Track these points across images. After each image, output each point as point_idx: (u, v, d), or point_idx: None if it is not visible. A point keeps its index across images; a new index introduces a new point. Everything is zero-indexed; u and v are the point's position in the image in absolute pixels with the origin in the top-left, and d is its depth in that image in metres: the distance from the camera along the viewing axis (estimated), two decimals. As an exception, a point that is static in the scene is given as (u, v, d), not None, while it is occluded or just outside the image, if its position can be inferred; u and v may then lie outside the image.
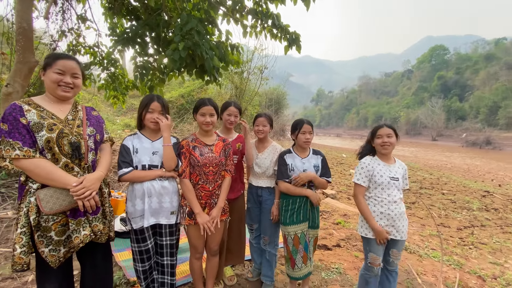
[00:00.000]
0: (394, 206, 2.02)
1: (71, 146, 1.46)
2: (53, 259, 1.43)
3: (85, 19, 5.30)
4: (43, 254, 1.42)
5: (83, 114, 1.61)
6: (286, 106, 22.33)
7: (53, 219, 1.42)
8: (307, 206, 2.21)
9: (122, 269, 2.50)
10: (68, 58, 1.54)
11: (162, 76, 4.97)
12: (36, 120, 1.40)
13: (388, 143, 2.02)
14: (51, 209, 1.38)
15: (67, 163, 1.47)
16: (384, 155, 2.10)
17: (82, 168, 1.53)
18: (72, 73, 1.52)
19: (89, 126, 1.59)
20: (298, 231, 2.17)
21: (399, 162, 2.16)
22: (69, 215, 1.47)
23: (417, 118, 60.41)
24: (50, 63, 1.48)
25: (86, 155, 1.53)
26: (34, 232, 1.40)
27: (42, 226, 1.41)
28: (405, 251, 3.50)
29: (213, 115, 1.95)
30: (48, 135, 1.40)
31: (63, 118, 1.50)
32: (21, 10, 3.53)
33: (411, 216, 5.15)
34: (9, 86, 3.55)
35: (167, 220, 1.87)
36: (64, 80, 1.49)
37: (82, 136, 1.52)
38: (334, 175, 8.72)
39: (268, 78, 11.87)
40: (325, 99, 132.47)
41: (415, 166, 13.70)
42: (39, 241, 1.41)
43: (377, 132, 2.09)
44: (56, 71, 1.47)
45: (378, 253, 2.07)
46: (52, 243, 1.43)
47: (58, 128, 1.44)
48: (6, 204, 3.54)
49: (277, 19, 4.17)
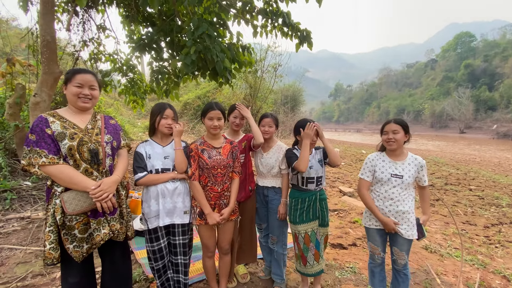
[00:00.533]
0: (389, 203, 2.02)
1: (90, 153, 1.60)
2: (77, 254, 1.59)
3: (104, 28, 5.58)
4: (69, 250, 1.57)
5: (101, 123, 1.76)
6: (303, 103, 22.07)
7: (76, 218, 1.57)
8: (316, 204, 2.22)
9: (142, 266, 2.64)
10: (85, 72, 1.68)
11: (177, 80, 5.12)
12: (59, 130, 1.55)
13: (393, 139, 1.99)
14: (74, 210, 1.53)
15: (87, 168, 1.61)
16: (392, 151, 2.07)
17: (101, 172, 1.66)
18: (90, 85, 1.67)
19: (106, 133, 1.73)
20: (308, 230, 2.20)
21: (412, 158, 2.08)
22: (90, 215, 1.62)
23: (443, 110, 57.43)
24: (70, 78, 1.63)
25: (104, 160, 1.67)
26: (60, 230, 1.56)
27: (67, 225, 1.56)
28: (425, 250, 3.39)
29: (221, 119, 2.01)
30: (70, 143, 1.55)
31: (83, 127, 1.65)
32: (44, 24, 3.78)
33: (434, 214, 4.95)
34: (37, 96, 3.82)
35: (181, 219, 1.97)
36: (83, 92, 1.65)
37: (100, 143, 1.66)
38: (352, 173, 8.54)
39: (282, 75, 11.81)
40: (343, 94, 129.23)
41: (441, 160, 13.08)
42: (64, 239, 1.57)
43: (384, 128, 2.07)
44: (76, 85, 1.62)
45: (375, 243, 2.14)
46: (76, 240, 1.59)
47: (79, 136, 1.59)
48: (37, 205, 3.84)
49: (288, 17, 4.16)
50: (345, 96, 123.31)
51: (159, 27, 4.83)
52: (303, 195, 2.23)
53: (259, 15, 4.24)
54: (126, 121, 11.39)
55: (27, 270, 2.52)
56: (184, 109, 15.93)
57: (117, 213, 1.72)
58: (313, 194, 2.22)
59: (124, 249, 1.88)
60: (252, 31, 4.34)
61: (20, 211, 3.64)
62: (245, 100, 11.38)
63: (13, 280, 2.37)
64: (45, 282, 2.38)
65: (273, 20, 4.19)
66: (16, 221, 3.41)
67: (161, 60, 5.14)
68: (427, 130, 59.04)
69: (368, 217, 2.14)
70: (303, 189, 2.24)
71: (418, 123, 66.16)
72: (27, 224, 3.37)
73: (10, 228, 3.22)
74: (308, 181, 2.21)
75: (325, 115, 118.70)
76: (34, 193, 4.00)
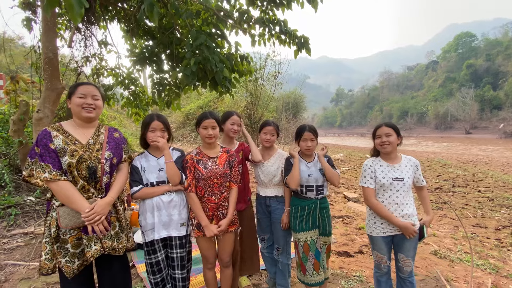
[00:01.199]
0: (394, 208, 1.97)
1: (88, 170, 1.62)
2: (68, 270, 1.59)
3: (106, 44, 5.69)
4: (60, 264, 1.59)
5: (104, 137, 1.78)
6: (305, 109, 22.09)
7: (69, 232, 1.60)
8: (316, 213, 2.17)
9: (143, 280, 2.60)
10: (87, 84, 1.74)
11: (178, 91, 5.18)
12: (61, 145, 1.58)
13: (387, 142, 1.98)
14: (67, 225, 1.57)
15: (84, 185, 1.63)
16: (386, 154, 2.05)
17: (97, 190, 1.68)
18: (92, 95, 1.71)
19: (107, 150, 1.74)
20: (308, 238, 2.15)
21: (406, 159, 2.07)
22: (82, 230, 1.63)
23: (446, 111, 57.07)
24: (73, 91, 1.69)
25: (101, 178, 1.68)
26: (53, 243, 1.58)
27: (60, 238, 1.59)
28: (435, 256, 3.30)
29: (215, 128, 1.99)
30: (70, 160, 1.57)
31: (84, 143, 1.67)
32: (46, 41, 3.86)
33: (443, 218, 4.84)
34: (40, 111, 3.87)
35: (177, 232, 1.92)
36: (86, 102, 1.68)
37: (99, 160, 1.67)
38: (357, 177, 8.45)
39: (282, 82, 11.87)
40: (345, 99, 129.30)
41: (447, 162, 12.89)
42: (57, 252, 1.59)
43: (376, 132, 2.06)
44: (79, 96, 1.67)
45: (381, 252, 2.06)
46: (68, 254, 1.60)
47: (79, 154, 1.61)
48: (40, 220, 3.84)
49: (284, 25, 4.21)
50: (347, 101, 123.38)
51: (159, 40, 4.92)
52: (302, 203, 2.19)
53: (256, 24, 4.29)
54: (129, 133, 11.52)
55: (29, 286, 2.50)
56: (186, 120, 16.05)
57: (109, 232, 1.70)
58: (313, 202, 2.17)
59: (123, 263, 1.86)
60: (250, 41, 4.39)
61: (24, 226, 3.65)
62: (247, 108, 11.43)
63: (15, 297, 2.35)
64: (47, 298, 2.35)
65: (270, 28, 4.24)
66: (20, 237, 3.41)
67: (162, 72, 5.22)
68: (432, 131, 58.54)
69: (373, 225, 2.07)
70: (302, 197, 2.21)
71: (422, 125, 65.71)
72: (31, 239, 3.37)
73: (14, 244, 3.22)
74: (307, 189, 2.18)
75: (327, 121, 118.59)
76: (37, 208, 4.01)
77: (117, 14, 5.49)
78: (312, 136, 2.16)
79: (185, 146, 12.42)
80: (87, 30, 5.30)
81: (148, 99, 5.93)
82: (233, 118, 2.34)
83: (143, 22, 5.22)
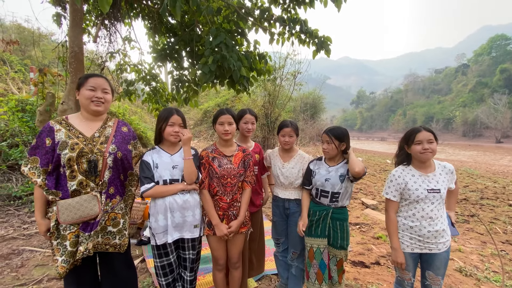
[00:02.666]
0: (427, 222, 1.76)
1: (88, 164, 1.57)
2: (62, 271, 1.52)
3: (130, 40, 5.83)
4: (56, 263, 1.52)
5: (112, 131, 1.71)
6: (323, 110, 21.67)
7: (69, 228, 1.54)
8: (327, 221, 2.04)
9: (152, 276, 2.60)
10: (98, 76, 1.68)
11: (196, 88, 5.20)
12: (63, 139, 1.56)
13: (430, 150, 1.74)
14: (65, 220, 1.51)
15: (82, 181, 1.57)
16: (421, 162, 1.83)
17: (97, 184, 1.61)
18: (102, 88, 1.66)
19: (113, 143, 1.68)
20: (314, 245, 2.04)
21: (441, 167, 1.85)
22: (81, 227, 1.57)
23: (476, 118, 53.94)
24: (82, 82, 1.63)
25: (102, 172, 1.61)
26: (53, 239, 1.54)
27: (61, 234, 1.54)
28: (459, 273, 3.06)
29: (232, 124, 1.93)
30: (70, 154, 1.53)
31: (89, 136, 1.63)
32: (72, 36, 3.99)
33: (469, 232, 4.51)
34: (64, 103, 4.01)
35: (191, 234, 1.85)
36: (96, 95, 1.63)
37: (102, 153, 1.61)
38: (376, 183, 8.13)
39: (302, 83, 11.67)
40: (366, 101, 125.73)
41: (475, 172, 12.12)
42: (56, 249, 1.53)
43: (415, 138, 1.79)
44: (89, 88, 1.62)
45: (407, 268, 1.87)
46: (66, 253, 1.53)
47: (79, 147, 1.56)
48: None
49: (305, 24, 4.11)
50: (368, 103, 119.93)
51: (180, 37, 4.96)
52: (315, 207, 2.09)
53: (277, 22, 4.21)
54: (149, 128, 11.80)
55: (43, 273, 2.58)
56: (204, 117, 16.24)
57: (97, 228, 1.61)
58: (325, 209, 2.05)
59: (127, 260, 1.80)
60: (269, 38, 4.32)
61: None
62: (264, 108, 11.35)
63: (30, 282, 2.43)
64: (59, 286, 2.41)
65: (290, 27, 4.15)
66: (40, 224, 3.55)
67: (181, 69, 5.27)
68: (459, 139, 55.57)
69: (401, 239, 1.86)
70: (316, 201, 2.11)
71: (448, 131, 62.56)
72: (50, 227, 3.50)
73: (33, 230, 3.35)
74: (322, 194, 2.06)
75: (346, 123, 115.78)
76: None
77: (141, 11, 5.59)
78: (328, 139, 2.02)
79: (202, 142, 12.56)
80: (112, 26, 5.46)
81: (168, 95, 6.02)
82: (246, 117, 2.27)
83: (165, 18, 5.30)
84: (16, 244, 3.07)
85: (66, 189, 1.54)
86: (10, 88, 7.96)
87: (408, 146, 1.85)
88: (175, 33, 5.41)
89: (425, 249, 1.80)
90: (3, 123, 5.02)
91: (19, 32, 12.90)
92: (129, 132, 1.83)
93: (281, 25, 4.18)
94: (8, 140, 4.67)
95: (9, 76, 8.76)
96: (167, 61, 5.27)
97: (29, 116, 5.19)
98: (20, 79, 9.39)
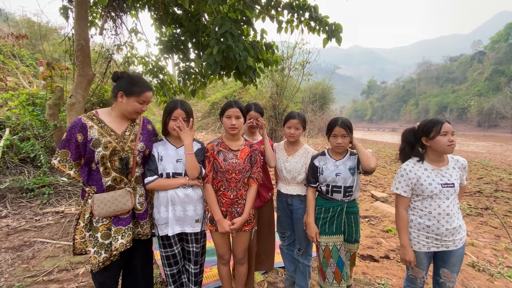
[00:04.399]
0: (445, 220, 1.67)
1: (120, 162, 1.66)
2: (95, 262, 1.59)
3: (136, 32, 5.78)
4: (89, 254, 1.61)
5: (139, 128, 1.79)
6: (333, 101, 21.27)
7: (101, 221, 1.62)
8: (342, 217, 1.98)
9: (159, 267, 2.62)
10: (151, 90, 1.75)
11: (203, 80, 5.14)
12: (96, 136, 1.60)
13: (454, 142, 1.65)
14: (99, 213, 1.59)
15: (116, 177, 1.66)
16: (439, 156, 1.73)
17: (130, 180, 1.72)
18: (148, 102, 1.77)
19: (141, 141, 1.76)
20: (330, 243, 1.97)
21: (454, 160, 1.75)
22: (113, 220, 1.66)
23: (492, 107, 52.06)
24: (137, 94, 1.68)
25: (134, 169, 1.71)
26: (87, 230, 1.62)
27: (93, 226, 1.62)
28: (472, 268, 2.98)
29: (239, 118, 1.86)
30: (103, 152, 1.60)
31: (120, 133, 1.70)
32: (78, 29, 3.97)
33: (482, 225, 4.38)
34: (72, 97, 4.04)
35: (192, 228, 1.85)
36: (142, 109, 1.74)
37: (132, 151, 1.70)
38: (387, 175, 7.98)
39: (311, 73, 11.43)
40: (377, 91, 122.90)
41: (489, 164, 11.75)
42: (88, 240, 1.62)
43: (441, 128, 1.66)
44: (141, 102, 1.71)
45: (421, 267, 1.80)
46: (97, 245, 1.60)
47: (112, 146, 1.63)
48: (71, 200, 4.07)
49: (315, 11, 3.94)
50: (379, 93, 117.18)
51: (186, 27, 4.88)
52: (327, 204, 2.01)
53: (285, 9, 4.06)
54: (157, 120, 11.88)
55: (54, 264, 2.64)
56: (211, 109, 16.22)
57: (131, 223, 1.73)
58: (339, 205, 1.98)
59: (147, 251, 1.92)
60: (276, 27, 4.18)
61: (56, 205, 3.89)
62: (271, 99, 11.20)
63: (40, 273, 2.49)
64: (69, 277, 2.46)
65: (299, 14, 4.00)
66: (51, 215, 3.64)
67: (188, 60, 5.20)
68: (473, 129, 53.93)
69: (415, 239, 1.77)
70: (328, 197, 2.02)
71: (462, 122, 60.74)
72: (60, 218, 3.58)
73: (44, 222, 3.44)
74: (334, 190, 1.98)
75: (356, 114, 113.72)
76: (69, 189, 4.26)
77: (147, 2, 5.52)
78: (344, 132, 1.91)
79: (209, 135, 12.58)
80: (118, 18, 5.41)
81: (175, 87, 5.99)
82: (250, 113, 2.21)
83: (171, 9, 5.21)
84: (28, 235, 3.15)
85: (101, 184, 1.63)
86: (21, 82, 8.10)
87: (428, 138, 1.72)
88: (181, 24, 5.32)
89: (442, 247, 1.72)
90: (15, 117, 5.12)
91: (29, 26, 13.03)
92: (152, 129, 1.92)
93: (290, 12, 4.02)
94: (20, 134, 4.77)
95: (20, 70, 8.91)
96: (173, 53, 5.22)
97: (40, 110, 5.28)
98: (30, 73, 9.55)
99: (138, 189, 1.77)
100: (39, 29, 11.38)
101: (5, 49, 9.57)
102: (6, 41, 8.49)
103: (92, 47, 5.38)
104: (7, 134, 4.62)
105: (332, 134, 1.96)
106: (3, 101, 6.15)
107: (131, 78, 1.70)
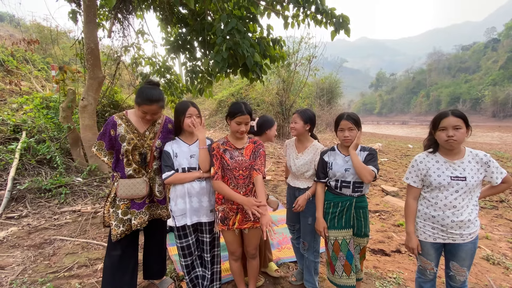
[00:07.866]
0: (451, 212, 1.66)
1: (140, 156, 1.95)
2: (114, 233, 1.90)
3: (143, 33, 5.86)
4: (111, 226, 1.92)
5: (159, 127, 2.04)
6: (341, 95, 21.00)
7: (123, 201, 1.94)
8: (351, 212, 1.99)
9: (173, 263, 2.69)
10: (153, 103, 1.85)
11: (210, 78, 5.18)
12: (122, 133, 1.91)
13: (455, 138, 1.59)
14: (121, 195, 1.90)
15: (135, 168, 1.96)
16: (450, 150, 1.70)
17: (147, 172, 2.00)
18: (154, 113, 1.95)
19: (159, 138, 2.01)
20: (339, 237, 1.99)
21: (472, 154, 1.69)
22: (131, 202, 1.96)
23: (507, 97, 50.34)
24: (137, 105, 1.86)
25: (151, 162, 2.00)
26: (110, 207, 1.94)
27: (116, 204, 1.94)
28: (487, 261, 2.93)
29: (248, 123, 1.92)
30: (127, 147, 1.90)
31: (142, 132, 1.97)
32: (88, 33, 4.06)
33: (497, 218, 4.29)
34: (84, 99, 4.15)
35: (207, 218, 2.00)
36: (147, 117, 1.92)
37: (151, 148, 1.97)
38: (397, 169, 7.88)
39: (318, 68, 11.29)
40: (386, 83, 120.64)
41: (504, 155, 11.41)
42: (112, 215, 1.93)
43: (440, 123, 1.65)
44: (142, 112, 1.88)
45: (429, 258, 1.80)
46: (118, 219, 1.92)
47: (134, 142, 1.92)
48: (87, 199, 4.20)
49: (321, 3, 3.89)
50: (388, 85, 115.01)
51: (192, 27, 4.91)
52: (336, 198, 2.02)
53: (290, 4, 4.03)
54: (166, 119, 12.04)
55: (74, 260, 2.75)
56: (218, 107, 16.27)
57: (145, 207, 2.01)
58: (348, 199, 1.98)
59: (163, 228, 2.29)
60: (282, 23, 4.16)
61: (73, 204, 4.02)
62: (278, 95, 11.16)
63: (61, 270, 2.60)
64: (88, 273, 2.56)
65: (305, 8, 3.95)
66: (69, 214, 3.77)
67: (195, 59, 5.24)
68: (488, 120, 52.31)
69: (421, 229, 1.79)
70: (336, 192, 2.03)
71: (476, 112, 58.99)
72: (77, 217, 3.70)
73: (63, 221, 3.56)
74: (342, 185, 1.98)
75: (365, 107, 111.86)
76: (84, 189, 4.39)
77: (152, 3, 5.57)
78: (351, 125, 1.92)
79: (217, 132, 12.66)
80: (125, 20, 5.49)
81: (182, 87, 6.05)
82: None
83: (177, 8, 5.25)
84: (48, 234, 3.28)
85: (123, 172, 1.93)
86: (34, 86, 8.33)
87: (434, 131, 1.72)
88: (186, 23, 5.36)
89: (448, 239, 1.71)
90: (30, 120, 5.29)
91: (39, 31, 13.32)
92: (172, 128, 2.12)
93: (295, 7, 3.99)
94: (36, 136, 4.93)
95: (33, 75, 9.15)
96: (180, 53, 5.27)
97: (54, 113, 5.43)
98: (43, 77, 9.79)
99: (157, 179, 2.04)
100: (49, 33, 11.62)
101: (17, 55, 9.83)
102: (18, 46, 8.75)
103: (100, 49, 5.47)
104: (24, 137, 4.78)
105: (339, 128, 1.98)
106: (19, 105, 6.36)
107: (140, 89, 1.89)
